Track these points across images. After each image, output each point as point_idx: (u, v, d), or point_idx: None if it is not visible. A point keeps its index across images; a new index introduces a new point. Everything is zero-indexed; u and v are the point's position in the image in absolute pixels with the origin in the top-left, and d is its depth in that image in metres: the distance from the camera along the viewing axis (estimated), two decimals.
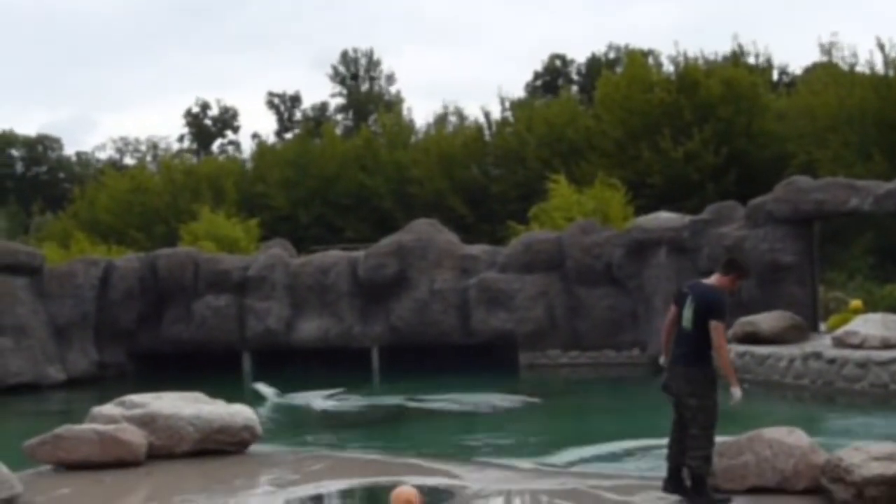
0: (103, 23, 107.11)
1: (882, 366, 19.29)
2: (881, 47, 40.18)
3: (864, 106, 37.90)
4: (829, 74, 42.09)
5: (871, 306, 25.69)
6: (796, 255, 25.67)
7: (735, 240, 25.48)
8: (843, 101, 38.69)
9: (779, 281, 25.16)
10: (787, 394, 20.84)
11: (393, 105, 62.90)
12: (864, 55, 50.47)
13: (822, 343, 22.04)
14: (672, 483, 8.98)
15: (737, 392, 8.93)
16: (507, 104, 51.83)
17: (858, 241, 35.89)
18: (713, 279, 9.22)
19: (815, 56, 45.73)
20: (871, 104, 37.76)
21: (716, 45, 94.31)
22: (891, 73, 39.51)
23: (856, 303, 25.76)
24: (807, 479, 8.78)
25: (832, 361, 20.35)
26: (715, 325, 8.82)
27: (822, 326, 25.36)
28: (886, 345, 19.99)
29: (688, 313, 8.92)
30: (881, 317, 21.30)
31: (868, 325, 20.77)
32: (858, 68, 41.84)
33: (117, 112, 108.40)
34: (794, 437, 9.09)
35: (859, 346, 20.25)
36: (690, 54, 46.27)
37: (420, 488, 9.01)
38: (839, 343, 20.88)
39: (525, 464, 12.61)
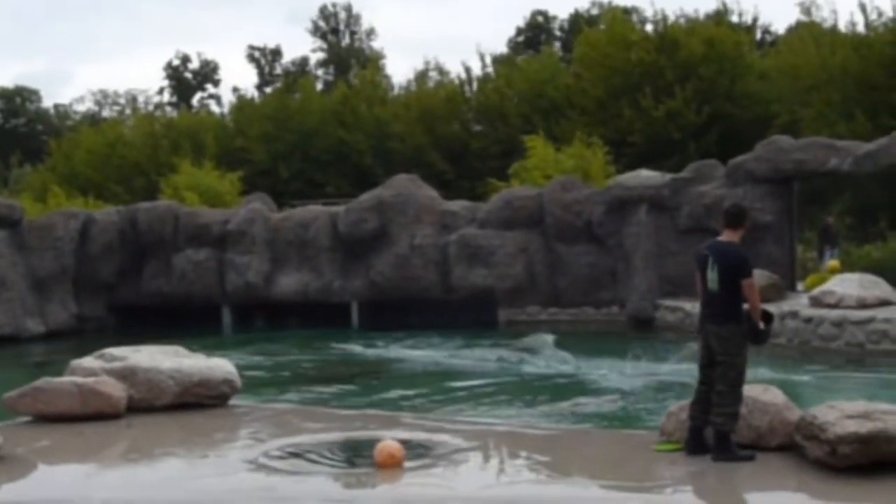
0: None
1: (858, 325, 19.50)
2: (862, 7, 40.25)
3: (845, 66, 37.96)
4: (810, 34, 42.11)
5: (848, 266, 25.89)
6: (775, 215, 25.80)
7: (714, 198, 25.56)
8: (826, 60, 38.73)
9: (757, 240, 25.22)
10: (763, 351, 20.97)
11: (369, 61, 62.37)
12: (845, 15, 50.44)
13: (799, 302, 22.22)
14: (694, 443, 8.93)
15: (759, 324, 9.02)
16: (488, 60, 51.61)
17: (837, 201, 36.04)
18: (726, 235, 9.19)
19: (797, 15, 45.64)
20: (852, 64, 37.82)
21: (701, 2, 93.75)
22: (871, 33, 39.57)
23: (833, 263, 25.95)
24: (781, 436, 8.86)
25: (808, 320, 20.55)
26: (748, 284, 8.97)
27: (800, 286, 25.54)
28: (862, 305, 20.21)
29: (712, 275, 8.96)
30: (858, 277, 21.52)
31: (845, 284, 20.98)
32: (840, 28, 41.93)
33: (94, 64, 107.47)
34: (769, 394, 9.18)
35: (836, 306, 20.46)
36: (672, 12, 46.26)
37: (404, 442, 9.10)
38: (816, 302, 21.08)
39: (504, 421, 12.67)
